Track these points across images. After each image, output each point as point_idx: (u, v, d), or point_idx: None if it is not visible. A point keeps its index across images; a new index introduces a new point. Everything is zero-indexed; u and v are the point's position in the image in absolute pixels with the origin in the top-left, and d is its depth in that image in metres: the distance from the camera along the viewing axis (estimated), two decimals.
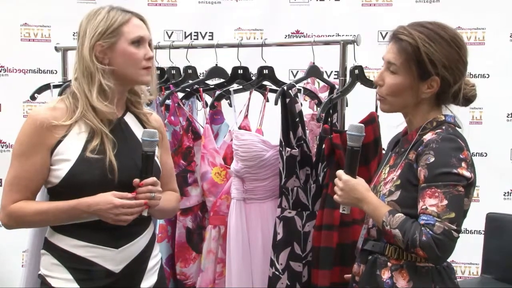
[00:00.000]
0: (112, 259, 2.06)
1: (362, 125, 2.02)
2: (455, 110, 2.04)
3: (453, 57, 1.94)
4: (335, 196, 2.03)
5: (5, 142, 4.41)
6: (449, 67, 1.94)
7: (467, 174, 1.88)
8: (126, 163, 2.07)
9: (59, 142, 2.04)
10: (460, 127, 2.00)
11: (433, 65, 1.93)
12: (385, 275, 1.97)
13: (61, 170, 2.03)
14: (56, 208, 2.03)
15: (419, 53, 1.94)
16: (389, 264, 1.97)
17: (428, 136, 1.94)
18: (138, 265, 2.13)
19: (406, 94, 1.98)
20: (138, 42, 2.10)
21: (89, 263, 2.05)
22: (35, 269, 2.72)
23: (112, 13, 2.09)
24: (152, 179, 2.06)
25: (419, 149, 1.92)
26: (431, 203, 1.86)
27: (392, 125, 2.18)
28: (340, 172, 2.03)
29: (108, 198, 2.00)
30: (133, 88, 2.18)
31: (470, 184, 1.90)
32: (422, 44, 1.93)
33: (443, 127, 1.96)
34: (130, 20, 2.10)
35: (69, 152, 2.03)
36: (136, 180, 2.04)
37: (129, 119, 2.18)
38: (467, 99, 2.00)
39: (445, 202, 1.85)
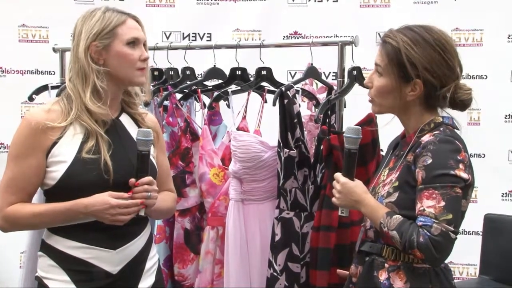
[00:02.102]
0: (110, 260, 2.06)
1: (359, 127, 2.03)
2: (454, 111, 2.04)
3: (435, 60, 1.94)
4: (333, 199, 2.04)
5: (3, 143, 4.41)
6: (432, 70, 1.93)
7: (464, 175, 1.88)
8: (121, 163, 2.07)
9: (55, 143, 2.04)
10: (458, 129, 2.01)
11: (414, 68, 1.94)
12: (382, 276, 1.97)
13: (57, 172, 2.03)
14: (53, 210, 2.03)
15: (400, 56, 1.95)
16: (386, 265, 1.97)
17: (425, 138, 1.94)
18: (136, 266, 2.12)
19: (391, 96, 1.99)
20: (133, 43, 2.10)
21: (87, 264, 2.04)
22: (33, 270, 2.72)
23: (107, 14, 2.09)
24: (148, 178, 2.06)
25: (417, 150, 1.92)
26: (429, 204, 1.86)
27: (391, 126, 2.19)
28: (338, 175, 2.03)
29: (105, 199, 2.00)
30: (127, 89, 2.18)
31: (467, 186, 1.90)
32: (404, 46, 1.94)
33: (441, 129, 1.96)
34: (125, 21, 2.10)
35: (65, 153, 2.03)
36: (132, 180, 2.04)
37: (125, 119, 2.18)
38: (461, 104, 1.99)
39: (442, 203, 1.85)
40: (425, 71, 1.93)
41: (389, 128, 2.22)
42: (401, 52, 1.95)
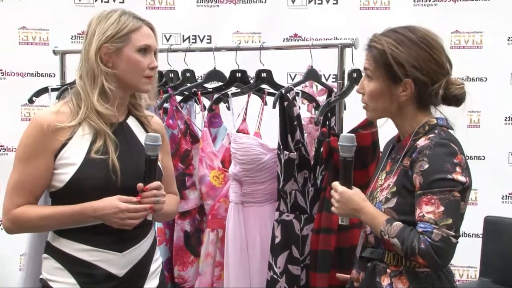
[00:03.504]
0: (116, 263, 2.06)
1: (353, 135, 2.02)
2: (453, 114, 2.04)
3: (423, 58, 1.94)
4: (333, 208, 2.04)
5: (3, 146, 4.41)
6: (420, 68, 1.94)
7: (462, 178, 1.88)
8: (128, 165, 2.07)
9: (64, 145, 2.04)
10: (452, 129, 2.00)
11: (401, 68, 1.94)
12: (385, 282, 1.96)
13: (65, 174, 2.03)
14: (61, 213, 2.03)
15: (386, 57, 1.95)
16: (388, 270, 1.97)
17: (421, 142, 1.93)
18: (141, 269, 2.13)
19: (383, 99, 1.99)
20: (144, 50, 2.10)
21: (93, 267, 2.04)
22: (32, 273, 2.72)
23: (123, 18, 2.09)
24: (157, 183, 2.06)
25: (413, 155, 1.92)
26: (428, 210, 1.85)
27: (390, 127, 2.19)
28: (335, 184, 2.03)
29: (114, 203, 2.00)
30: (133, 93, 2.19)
31: (465, 188, 1.89)
32: (389, 47, 1.95)
33: (436, 131, 1.95)
34: (141, 28, 2.11)
35: (74, 155, 2.03)
36: (140, 185, 2.04)
37: (131, 122, 2.19)
38: (455, 99, 1.99)
39: (441, 208, 1.84)
40: (413, 69, 1.93)
41: (388, 130, 2.22)
42: (386, 53, 1.95)
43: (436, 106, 2.01)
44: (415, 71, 1.93)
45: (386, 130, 2.26)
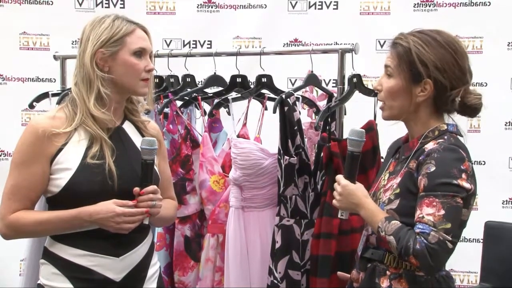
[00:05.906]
0: (113, 267, 2.06)
1: (363, 130, 2.03)
2: (454, 119, 2.04)
3: (446, 60, 1.95)
4: (334, 201, 2.03)
5: (3, 151, 4.41)
6: (443, 69, 1.94)
7: (467, 185, 1.88)
8: (125, 170, 2.07)
9: (59, 150, 2.04)
10: (462, 136, 2.01)
11: (424, 66, 1.94)
12: (384, 283, 1.97)
13: (61, 179, 2.03)
14: (57, 218, 2.03)
15: (410, 54, 1.95)
16: (388, 272, 1.97)
17: (429, 145, 1.94)
18: (138, 273, 2.13)
19: (401, 97, 1.99)
20: (140, 53, 2.11)
21: (90, 272, 2.04)
22: (32, 278, 2.72)
23: (117, 22, 2.10)
24: (153, 187, 2.06)
25: (421, 158, 1.92)
26: (428, 212, 1.85)
27: (390, 132, 2.19)
28: (339, 177, 2.03)
29: (110, 207, 2.00)
30: (131, 97, 2.19)
31: (470, 195, 1.90)
32: (414, 46, 1.96)
33: (445, 137, 1.95)
34: (134, 31, 2.11)
35: (70, 160, 2.04)
36: (137, 189, 2.04)
37: (128, 127, 2.19)
38: (471, 109, 1.99)
39: (442, 212, 1.85)
40: (436, 70, 1.94)
41: (388, 134, 2.22)
42: (411, 51, 1.95)
43: (450, 114, 2.02)
44: (437, 73, 1.94)
45: (386, 135, 2.26)
